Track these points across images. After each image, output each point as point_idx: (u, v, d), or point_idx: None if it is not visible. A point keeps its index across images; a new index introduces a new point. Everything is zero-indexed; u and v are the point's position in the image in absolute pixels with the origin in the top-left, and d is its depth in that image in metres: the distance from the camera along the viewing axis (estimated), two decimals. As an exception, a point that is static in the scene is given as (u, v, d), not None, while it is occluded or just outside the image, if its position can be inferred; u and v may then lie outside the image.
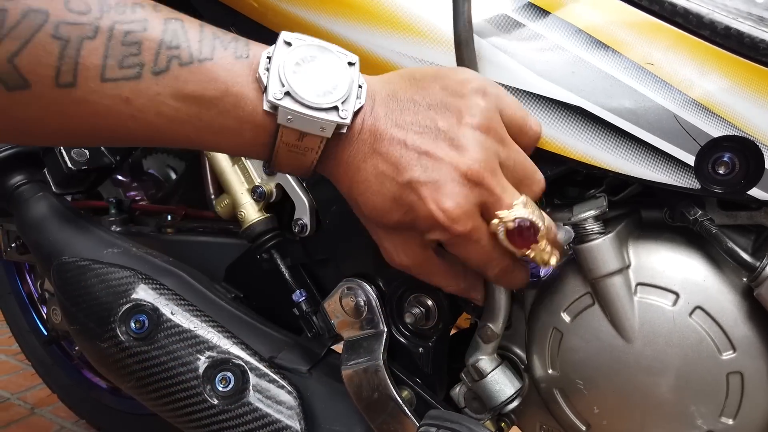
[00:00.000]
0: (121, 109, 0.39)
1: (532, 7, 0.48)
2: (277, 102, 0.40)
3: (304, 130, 0.41)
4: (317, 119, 0.40)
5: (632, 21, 0.45)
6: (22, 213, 0.74)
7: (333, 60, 0.42)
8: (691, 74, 0.43)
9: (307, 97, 0.40)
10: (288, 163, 0.44)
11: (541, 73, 0.47)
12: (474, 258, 0.43)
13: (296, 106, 0.40)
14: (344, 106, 0.41)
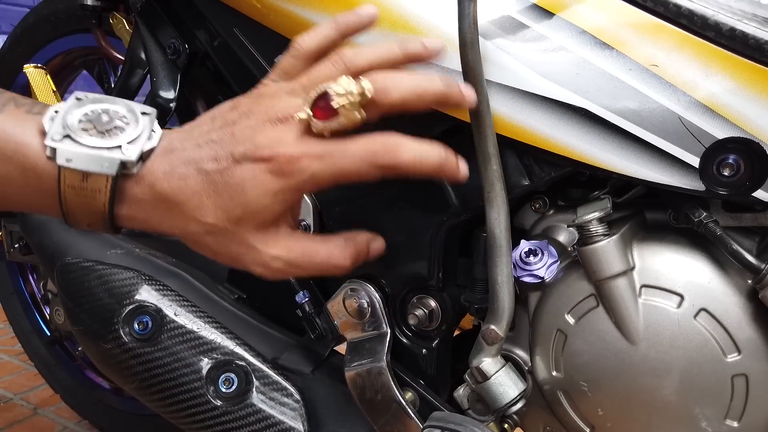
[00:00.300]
0: None
1: (536, 8, 0.48)
2: (56, 144, 0.40)
3: (86, 169, 0.40)
4: (97, 156, 0.40)
5: (636, 22, 0.45)
6: (25, 214, 0.74)
7: (124, 110, 0.43)
8: (696, 76, 0.43)
9: (88, 140, 0.40)
10: (80, 211, 0.42)
11: (545, 74, 0.46)
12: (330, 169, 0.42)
13: (75, 147, 0.40)
14: (129, 146, 0.41)
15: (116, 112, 0.42)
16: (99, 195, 0.41)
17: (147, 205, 0.43)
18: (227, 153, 0.42)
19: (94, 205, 0.42)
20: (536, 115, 0.47)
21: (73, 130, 0.40)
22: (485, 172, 0.47)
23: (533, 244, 0.52)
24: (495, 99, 0.48)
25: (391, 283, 0.59)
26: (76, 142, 0.40)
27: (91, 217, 0.43)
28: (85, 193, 0.41)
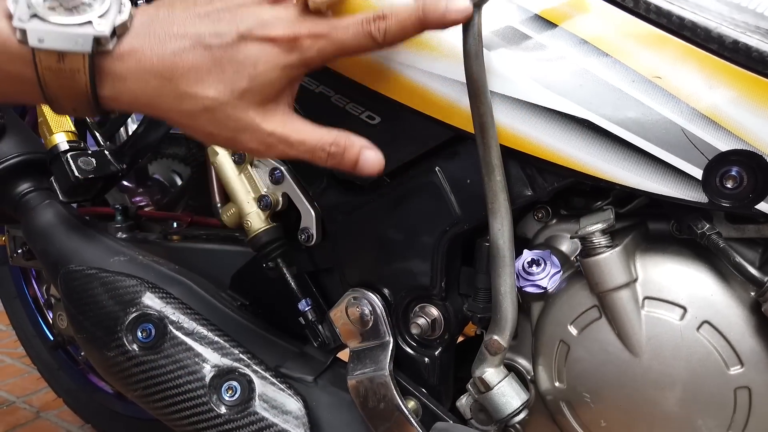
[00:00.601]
0: None
1: (539, 19, 0.48)
2: (24, 25, 0.39)
3: (59, 48, 0.39)
4: (70, 34, 0.39)
5: (639, 33, 0.45)
6: (29, 221, 0.74)
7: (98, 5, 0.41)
8: (699, 88, 0.43)
9: (57, 18, 0.39)
10: (63, 94, 0.42)
11: (548, 85, 0.47)
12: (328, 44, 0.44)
13: (44, 26, 0.39)
14: (100, 20, 0.40)
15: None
16: (78, 75, 0.41)
17: (133, 84, 0.42)
18: (232, 29, 0.42)
19: (75, 87, 0.41)
20: (539, 125, 0.47)
21: (39, 9, 0.39)
22: (489, 183, 0.47)
23: (536, 254, 0.52)
24: (499, 110, 0.48)
25: (394, 292, 0.59)
26: (45, 20, 0.39)
27: (75, 100, 0.42)
28: (65, 74, 0.41)
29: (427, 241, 0.56)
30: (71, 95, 0.42)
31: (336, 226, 0.62)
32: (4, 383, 1.45)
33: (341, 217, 0.61)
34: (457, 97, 0.49)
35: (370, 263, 0.60)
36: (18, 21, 0.39)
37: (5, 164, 0.75)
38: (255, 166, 0.67)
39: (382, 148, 0.56)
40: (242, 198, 0.66)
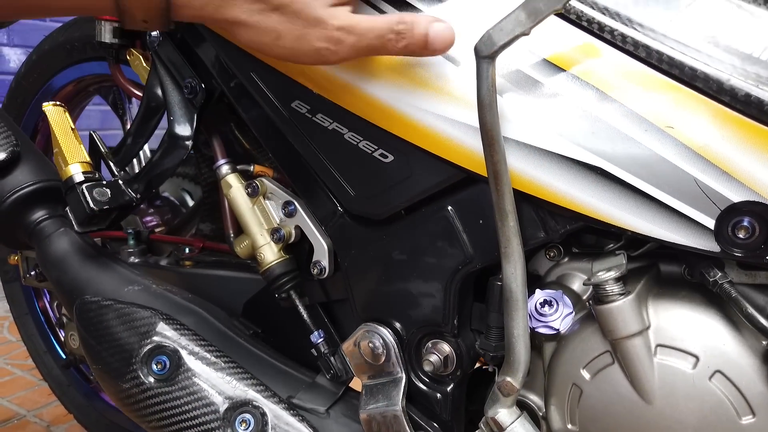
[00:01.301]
0: None
1: (551, 65, 0.48)
2: None
3: None
4: None
5: (652, 83, 0.46)
6: (43, 249, 0.75)
7: None
8: (712, 138, 0.44)
9: None
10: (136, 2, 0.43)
11: (561, 132, 0.47)
12: None
13: None
14: None
15: None
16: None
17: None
18: None
19: None
20: (552, 171, 0.48)
21: None
22: (502, 228, 0.48)
23: (548, 294, 0.52)
24: (512, 155, 0.48)
25: (406, 328, 0.60)
26: None
27: (147, 6, 0.44)
28: None
29: (439, 279, 0.57)
30: (144, 5, 0.43)
31: (349, 260, 0.63)
32: (14, 396, 1.46)
33: (354, 252, 0.62)
34: (469, 141, 0.50)
35: (383, 298, 0.61)
36: None
37: (20, 193, 0.76)
38: (268, 199, 0.67)
39: (394, 185, 0.57)
40: (255, 230, 0.66)
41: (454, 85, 0.50)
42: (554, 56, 0.48)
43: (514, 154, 0.48)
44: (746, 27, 0.45)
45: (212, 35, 0.65)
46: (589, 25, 0.47)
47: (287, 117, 0.61)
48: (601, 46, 0.47)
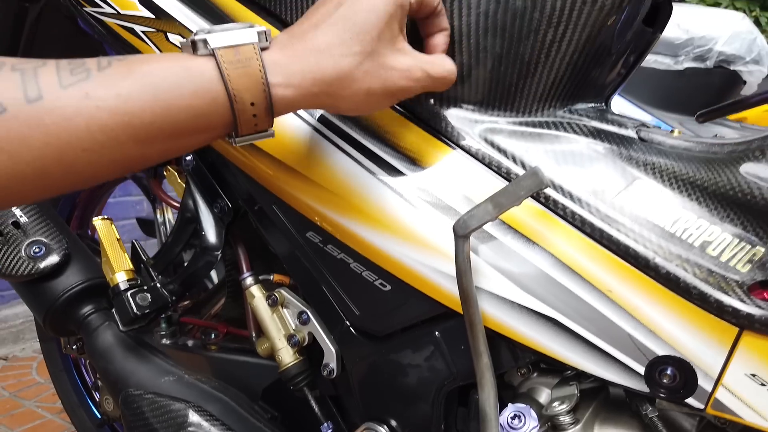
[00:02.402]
0: (86, 104, 0.44)
1: (519, 234, 0.59)
2: (205, 36, 0.49)
3: (235, 42, 0.49)
4: (239, 32, 0.50)
5: (596, 254, 0.57)
6: (91, 341, 0.87)
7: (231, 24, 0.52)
8: (642, 303, 0.55)
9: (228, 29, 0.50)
10: (242, 84, 0.49)
11: (525, 288, 0.58)
12: None
13: (220, 34, 0.49)
14: (256, 26, 0.51)
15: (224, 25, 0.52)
16: (252, 62, 0.49)
17: (295, 65, 0.51)
18: None
19: (252, 74, 0.49)
20: (518, 318, 0.59)
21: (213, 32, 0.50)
22: (477, 364, 0.59)
23: (517, 409, 0.63)
24: (485, 302, 0.60)
25: (401, 427, 0.71)
26: (216, 33, 0.50)
27: (253, 90, 0.49)
28: (241, 62, 0.49)
29: (428, 390, 0.68)
30: (249, 85, 0.49)
31: (353, 365, 0.74)
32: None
33: (358, 359, 0.73)
34: (452, 287, 0.61)
35: (382, 401, 0.72)
36: (199, 36, 0.49)
37: (71, 291, 0.88)
38: (285, 307, 0.79)
39: (392, 310, 0.68)
40: (274, 335, 0.78)
41: (439, 244, 0.61)
42: (522, 225, 0.60)
43: (487, 302, 0.60)
44: (673, 208, 0.57)
45: (238, 170, 0.77)
46: (546, 202, 0.59)
47: (301, 244, 0.73)
48: (557, 218, 0.59)
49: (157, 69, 0.47)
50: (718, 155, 0.57)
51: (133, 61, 0.47)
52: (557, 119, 0.64)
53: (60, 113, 0.44)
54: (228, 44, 0.49)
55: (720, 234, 0.54)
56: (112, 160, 0.47)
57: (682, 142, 0.61)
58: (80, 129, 0.44)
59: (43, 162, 0.44)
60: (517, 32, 0.60)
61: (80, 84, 0.44)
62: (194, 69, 0.48)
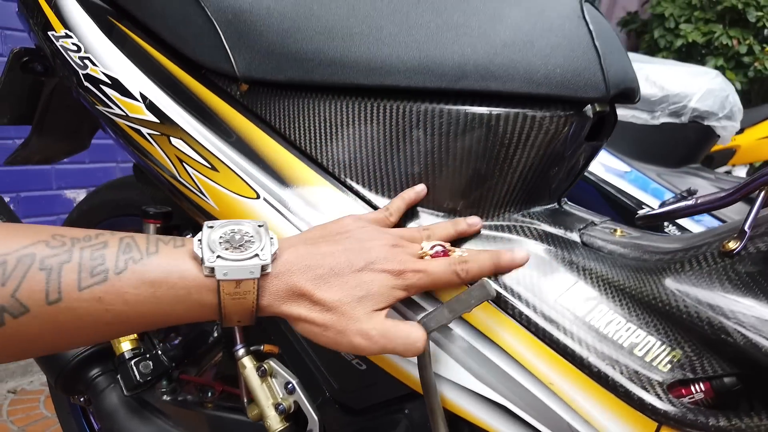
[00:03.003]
0: (96, 307, 0.51)
1: (474, 330, 0.68)
2: (212, 264, 0.53)
3: (239, 277, 0.54)
4: (245, 266, 0.54)
5: (539, 350, 0.65)
6: (98, 402, 0.95)
7: (247, 227, 0.58)
8: (578, 396, 0.63)
9: (232, 255, 0.54)
10: (234, 311, 0.56)
11: (481, 378, 0.67)
12: None
13: (227, 263, 0.54)
14: (263, 253, 0.56)
15: (241, 230, 0.57)
16: (249, 295, 0.55)
17: (280, 293, 0.57)
18: (358, 261, 0.60)
19: (245, 304, 0.55)
20: (473, 403, 0.67)
21: (219, 250, 0.54)
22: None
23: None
24: (445, 387, 0.68)
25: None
26: (226, 259, 0.54)
27: (242, 314, 0.56)
28: (239, 295, 0.55)
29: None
30: (241, 311, 0.56)
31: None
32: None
33: (337, 428, 0.82)
34: (416, 373, 0.69)
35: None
36: (207, 262, 0.53)
37: (81, 356, 0.96)
38: (273, 377, 0.87)
39: (367, 386, 0.77)
40: (263, 403, 0.86)
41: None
42: (478, 322, 0.68)
43: (447, 388, 0.68)
44: (607, 312, 0.65)
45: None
46: (497, 302, 0.67)
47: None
48: (507, 317, 0.67)
49: (164, 286, 0.53)
50: (647, 263, 0.66)
51: (144, 271, 0.53)
52: (512, 223, 0.73)
53: (73, 314, 0.50)
54: (232, 277, 0.54)
55: (645, 337, 0.63)
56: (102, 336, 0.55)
57: (619, 248, 0.69)
58: (87, 325, 0.52)
59: (45, 348, 0.53)
60: (474, 153, 0.69)
61: (96, 287, 0.51)
62: (195, 291, 0.54)
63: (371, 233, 0.64)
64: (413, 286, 0.62)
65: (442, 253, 0.65)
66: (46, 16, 0.96)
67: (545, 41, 0.66)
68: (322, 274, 0.59)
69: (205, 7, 0.80)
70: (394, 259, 0.62)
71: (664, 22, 4.64)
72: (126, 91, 0.85)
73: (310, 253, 0.60)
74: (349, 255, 0.61)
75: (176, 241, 0.57)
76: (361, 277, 0.60)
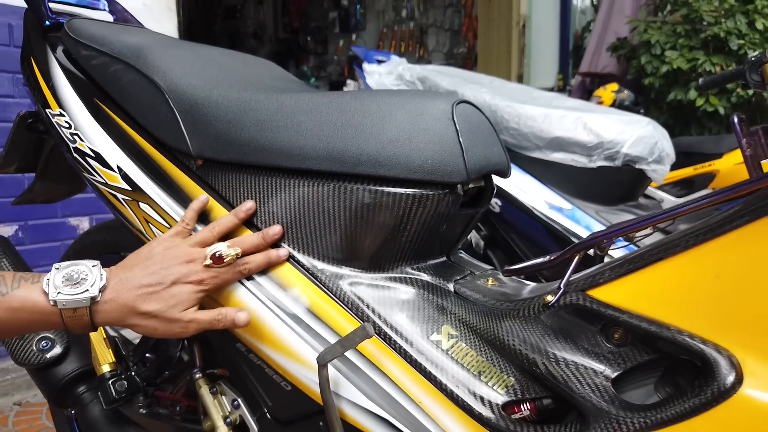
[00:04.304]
0: None
1: (365, 359, 0.87)
2: (55, 298, 0.77)
3: (75, 306, 0.78)
4: (79, 299, 0.78)
5: (413, 376, 0.84)
6: (83, 414, 1.15)
7: (82, 267, 0.80)
8: (440, 413, 0.82)
9: (70, 290, 0.78)
10: (74, 326, 0.79)
11: (370, 398, 0.86)
12: None
13: (65, 297, 0.77)
14: (92, 288, 0.79)
15: (78, 269, 0.80)
16: (84, 317, 0.79)
17: (113, 313, 0.81)
18: (167, 280, 0.84)
19: (82, 322, 0.79)
20: (366, 418, 0.86)
21: (61, 288, 0.77)
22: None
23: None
24: (345, 405, 0.87)
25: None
26: (65, 294, 0.77)
27: (82, 329, 0.80)
28: (77, 317, 0.79)
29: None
30: (79, 326, 0.80)
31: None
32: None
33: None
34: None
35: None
36: (52, 296, 0.77)
37: (70, 376, 1.17)
38: (223, 394, 1.07)
39: (292, 404, 0.96)
40: (215, 417, 1.06)
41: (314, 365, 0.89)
42: (368, 353, 0.87)
43: (347, 406, 0.87)
44: (464, 348, 0.84)
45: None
46: (383, 337, 0.87)
47: (235, 350, 1.01)
48: (390, 349, 0.86)
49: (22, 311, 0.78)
50: (497, 310, 0.85)
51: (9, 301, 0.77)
52: (402, 275, 0.92)
53: None
54: (69, 306, 0.78)
55: (489, 367, 0.82)
56: None
57: (481, 297, 0.89)
58: None
59: None
60: (371, 221, 0.89)
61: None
62: (45, 315, 0.79)
63: (172, 252, 0.87)
64: (211, 288, 0.89)
65: (218, 258, 0.87)
66: (44, 95, 1.18)
67: (420, 138, 0.86)
68: (142, 294, 0.82)
69: (169, 99, 1.01)
70: (194, 274, 0.86)
71: (651, 49, 4.79)
72: (106, 163, 1.06)
73: (128, 279, 0.83)
74: (159, 276, 0.84)
75: (33, 278, 0.80)
76: (171, 291, 0.84)
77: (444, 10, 7.10)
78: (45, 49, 1.22)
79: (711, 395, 0.65)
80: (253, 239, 0.92)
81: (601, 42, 5.40)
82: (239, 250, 0.89)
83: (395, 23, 7.39)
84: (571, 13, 6.18)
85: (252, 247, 0.91)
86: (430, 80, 2.13)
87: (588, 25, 6.13)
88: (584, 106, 2.14)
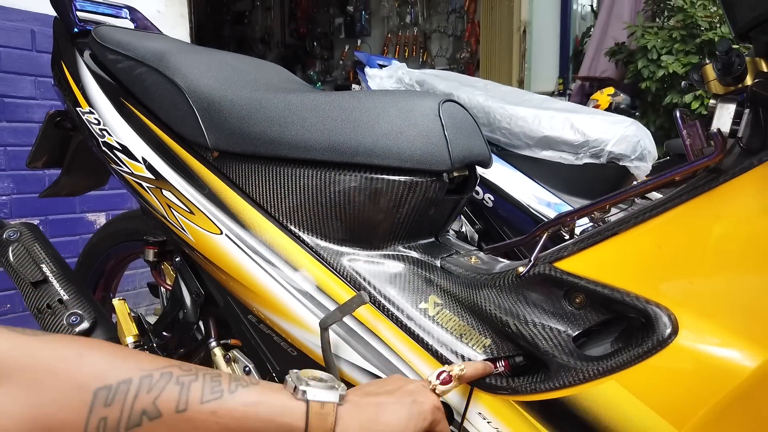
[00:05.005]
0: (210, 419, 0.60)
1: (361, 324, 0.99)
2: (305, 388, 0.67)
3: (324, 399, 0.67)
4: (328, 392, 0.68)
5: (403, 339, 0.96)
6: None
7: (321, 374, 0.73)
8: (425, 369, 0.94)
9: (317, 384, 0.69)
10: (317, 427, 0.65)
11: (365, 357, 0.98)
12: None
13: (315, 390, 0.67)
14: (339, 387, 0.71)
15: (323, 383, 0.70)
16: (329, 417, 0.66)
17: (353, 421, 0.68)
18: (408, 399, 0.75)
19: (325, 425, 0.66)
20: (361, 375, 0.98)
21: (310, 383, 0.69)
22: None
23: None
24: (344, 365, 0.99)
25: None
26: (312, 387, 0.68)
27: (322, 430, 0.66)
28: (322, 415, 0.66)
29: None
30: (321, 428, 0.65)
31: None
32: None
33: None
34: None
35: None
36: (302, 388, 0.67)
37: (97, 348, 1.29)
38: (236, 362, 1.19)
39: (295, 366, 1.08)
40: (228, 382, 1.18)
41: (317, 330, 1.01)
42: (363, 318, 0.99)
43: (345, 366, 0.99)
44: (448, 315, 0.96)
45: (207, 273, 1.18)
46: (377, 304, 0.99)
47: (246, 321, 1.14)
48: (382, 315, 0.98)
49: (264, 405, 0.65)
50: (477, 281, 0.97)
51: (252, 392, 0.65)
52: (395, 252, 1.05)
53: (191, 424, 0.60)
54: (319, 399, 0.67)
55: (470, 330, 0.94)
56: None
57: (464, 271, 1.01)
58: None
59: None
60: (367, 205, 1.01)
61: (213, 403, 0.61)
62: (288, 408, 0.66)
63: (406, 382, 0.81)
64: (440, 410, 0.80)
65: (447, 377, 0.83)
66: (74, 94, 1.31)
67: (411, 132, 0.99)
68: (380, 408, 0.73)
69: (188, 98, 1.14)
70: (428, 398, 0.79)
71: (648, 54, 4.88)
72: (132, 155, 1.19)
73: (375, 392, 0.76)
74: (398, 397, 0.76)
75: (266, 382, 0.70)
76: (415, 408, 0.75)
77: (447, 16, 7.22)
78: (74, 53, 1.35)
79: (652, 344, 0.77)
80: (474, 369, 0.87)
81: (600, 47, 5.50)
82: None
83: (399, 29, 7.52)
84: (572, 18, 6.29)
85: None
86: (427, 83, 2.25)
87: (588, 30, 6.24)
88: (572, 107, 2.26)
